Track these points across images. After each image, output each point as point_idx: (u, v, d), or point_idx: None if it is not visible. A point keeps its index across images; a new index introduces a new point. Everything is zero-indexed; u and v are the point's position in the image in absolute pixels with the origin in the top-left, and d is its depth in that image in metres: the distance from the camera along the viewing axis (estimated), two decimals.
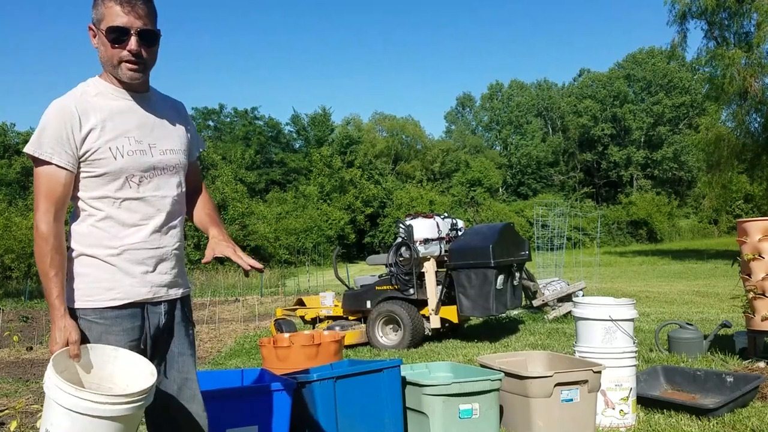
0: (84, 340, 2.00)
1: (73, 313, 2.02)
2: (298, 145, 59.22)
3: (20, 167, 37.69)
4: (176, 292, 2.22)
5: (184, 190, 2.26)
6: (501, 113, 66.50)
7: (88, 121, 2.03)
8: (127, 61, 2.06)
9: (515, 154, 61.75)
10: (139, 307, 2.11)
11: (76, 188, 2.07)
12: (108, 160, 2.04)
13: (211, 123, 57.78)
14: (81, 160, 2.04)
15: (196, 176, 2.40)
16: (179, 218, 2.24)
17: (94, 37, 2.10)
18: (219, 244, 2.19)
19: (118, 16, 2.02)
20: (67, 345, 1.94)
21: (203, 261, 2.14)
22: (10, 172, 38.19)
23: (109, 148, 2.04)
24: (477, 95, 71.60)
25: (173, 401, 2.19)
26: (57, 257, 1.98)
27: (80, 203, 2.08)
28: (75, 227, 2.08)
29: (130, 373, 2.02)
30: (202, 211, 2.37)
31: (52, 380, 1.83)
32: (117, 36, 2.03)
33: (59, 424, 1.82)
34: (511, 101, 66.42)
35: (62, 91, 2.11)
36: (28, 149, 2.00)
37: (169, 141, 2.20)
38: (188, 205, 2.33)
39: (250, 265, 2.12)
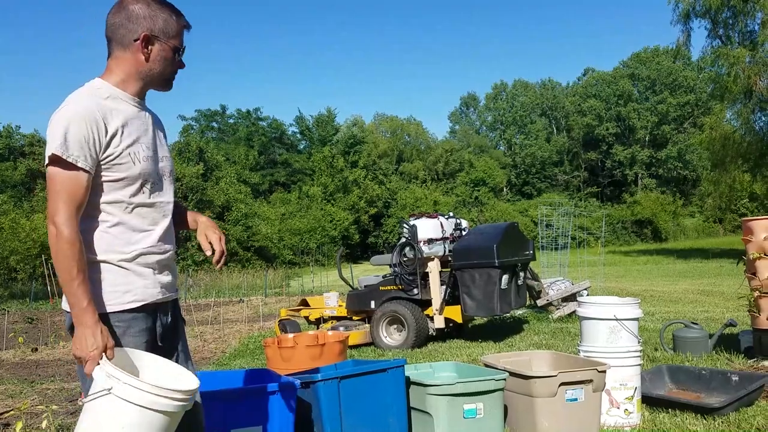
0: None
1: None
2: (302, 146, 59.30)
3: (25, 169, 37.68)
4: (174, 295, 2.29)
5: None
6: (505, 113, 66.44)
7: (110, 125, 2.02)
8: (174, 76, 2.21)
9: (519, 153, 61.74)
10: (152, 308, 2.15)
11: (95, 193, 2.04)
12: (128, 166, 2.06)
13: (214, 124, 57.88)
14: (101, 163, 2.02)
15: None
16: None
17: (146, 47, 2.10)
18: (209, 229, 2.30)
19: (183, 36, 2.17)
20: (105, 350, 1.91)
21: (216, 263, 2.26)
22: (15, 174, 38.16)
23: (129, 154, 2.06)
24: (481, 95, 71.63)
25: None
26: (83, 261, 1.95)
27: (90, 208, 2.04)
28: (84, 233, 2.04)
29: (154, 374, 2.05)
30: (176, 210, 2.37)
31: (122, 378, 1.81)
32: (181, 55, 2.19)
33: (123, 422, 1.82)
34: (515, 101, 66.38)
35: (66, 93, 2.07)
36: (55, 150, 1.92)
37: (164, 148, 2.27)
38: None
39: (218, 260, 2.27)
